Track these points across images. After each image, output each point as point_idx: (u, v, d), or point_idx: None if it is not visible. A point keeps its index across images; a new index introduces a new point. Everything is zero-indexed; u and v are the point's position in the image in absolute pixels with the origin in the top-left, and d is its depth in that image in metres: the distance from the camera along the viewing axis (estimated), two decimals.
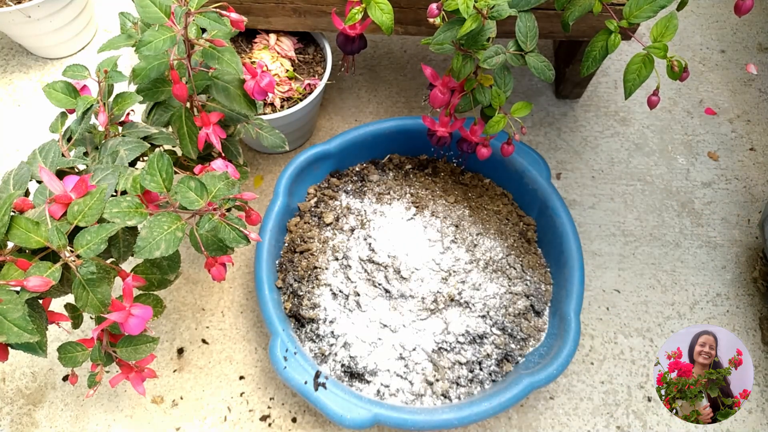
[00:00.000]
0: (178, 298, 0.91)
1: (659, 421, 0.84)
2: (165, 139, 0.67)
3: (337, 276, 0.83)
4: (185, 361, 0.87)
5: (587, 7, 0.64)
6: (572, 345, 0.76)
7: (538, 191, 0.89)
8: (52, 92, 0.64)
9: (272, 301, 0.79)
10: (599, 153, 1.07)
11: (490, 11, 0.60)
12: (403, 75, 1.15)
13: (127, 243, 0.60)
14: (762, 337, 0.90)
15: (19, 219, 0.51)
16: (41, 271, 0.50)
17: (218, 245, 0.60)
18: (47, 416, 0.83)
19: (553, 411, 0.84)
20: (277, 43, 0.95)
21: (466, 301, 0.81)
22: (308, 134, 1.07)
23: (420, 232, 0.85)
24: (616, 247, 0.98)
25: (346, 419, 0.70)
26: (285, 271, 0.85)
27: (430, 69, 0.72)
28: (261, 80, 0.62)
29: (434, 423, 0.71)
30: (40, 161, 0.60)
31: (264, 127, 0.76)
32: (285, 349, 0.75)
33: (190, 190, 0.54)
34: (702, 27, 1.23)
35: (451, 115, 0.76)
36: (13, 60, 1.17)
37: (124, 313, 0.53)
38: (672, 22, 0.61)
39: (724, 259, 0.97)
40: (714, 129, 1.10)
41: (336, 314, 0.81)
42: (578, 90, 1.10)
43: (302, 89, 0.93)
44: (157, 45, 0.56)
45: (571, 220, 0.85)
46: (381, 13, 0.63)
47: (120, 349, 0.61)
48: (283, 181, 0.86)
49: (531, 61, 0.68)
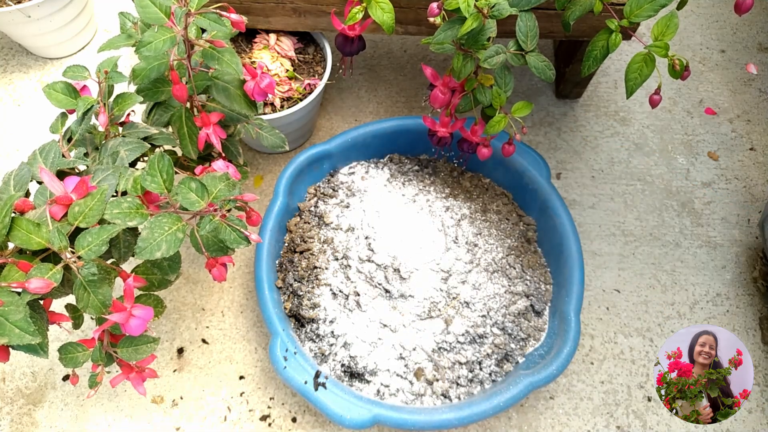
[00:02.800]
0: (178, 298, 0.91)
1: (659, 421, 0.84)
2: (165, 139, 0.67)
3: (337, 276, 0.83)
4: (185, 361, 0.87)
5: (588, 6, 0.64)
6: (572, 345, 0.76)
7: (538, 191, 0.89)
8: (52, 93, 0.64)
9: (272, 301, 0.79)
10: (599, 153, 1.07)
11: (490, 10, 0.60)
12: (403, 75, 1.15)
13: (128, 244, 0.60)
14: (762, 337, 0.90)
15: (20, 220, 0.51)
16: (42, 273, 0.50)
17: (219, 246, 0.60)
18: (47, 416, 0.83)
19: (553, 411, 0.84)
20: (277, 43, 0.95)
21: (466, 301, 0.81)
22: (308, 134, 1.07)
23: (420, 232, 0.85)
24: (616, 247, 0.98)
25: (345, 419, 0.70)
26: (285, 271, 0.85)
27: (431, 69, 0.72)
28: (261, 81, 0.62)
29: (434, 423, 0.71)
30: (40, 162, 0.60)
31: (264, 127, 0.76)
32: (285, 349, 0.75)
33: (191, 191, 0.54)
34: (702, 27, 1.23)
35: (452, 115, 0.76)
36: (13, 60, 1.16)
37: (125, 314, 0.53)
38: (672, 21, 0.61)
39: (724, 259, 0.97)
40: (714, 129, 1.10)
41: (336, 314, 0.81)
42: (578, 90, 1.10)
43: (302, 89, 0.93)
44: (157, 45, 0.56)
45: (571, 220, 0.85)
46: (382, 12, 0.63)
47: (121, 350, 0.61)
48: (283, 180, 0.86)
49: (531, 60, 0.68)
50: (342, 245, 0.85)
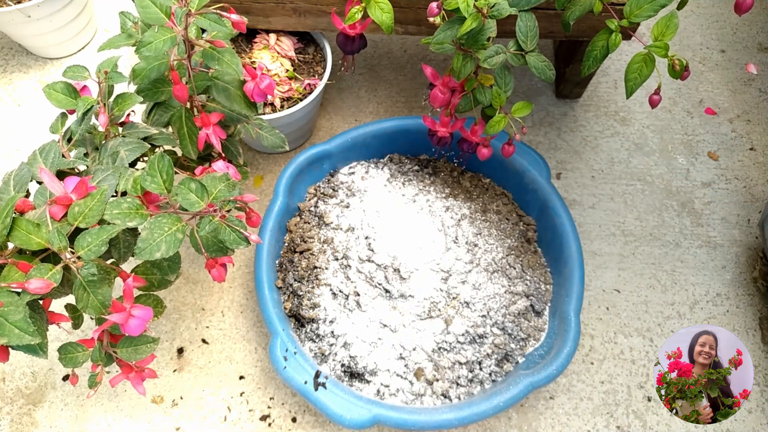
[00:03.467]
0: (178, 298, 0.91)
1: (659, 421, 0.84)
2: (165, 139, 0.67)
3: (337, 276, 0.83)
4: (185, 361, 0.87)
5: (587, 6, 0.64)
6: (572, 345, 0.76)
7: (538, 191, 0.89)
8: (52, 93, 0.64)
9: (272, 300, 0.79)
10: (599, 153, 1.07)
11: (490, 10, 0.60)
12: (403, 75, 1.15)
13: (128, 244, 0.60)
14: (762, 337, 0.90)
15: (19, 221, 0.51)
16: (42, 273, 0.50)
17: (218, 246, 0.60)
18: (47, 416, 0.83)
19: (553, 411, 0.84)
20: (277, 43, 0.95)
21: (466, 301, 0.81)
22: (308, 134, 1.07)
23: (420, 232, 0.85)
24: (616, 247, 0.98)
25: (345, 419, 0.70)
26: (285, 270, 0.85)
27: (431, 69, 0.72)
28: (261, 82, 0.62)
29: (434, 423, 0.71)
30: (40, 162, 0.60)
31: (264, 127, 0.76)
32: (285, 349, 0.75)
33: (191, 191, 0.54)
34: (702, 27, 1.23)
35: (452, 115, 0.76)
36: (13, 60, 1.16)
37: (124, 314, 0.53)
38: (672, 21, 0.61)
39: (724, 259, 0.97)
40: (714, 129, 1.10)
41: (336, 314, 0.81)
42: (578, 90, 1.10)
43: (302, 89, 0.93)
44: (157, 45, 0.56)
45: (571, 220, 0.85)
46: (381, 12, 0.63)
47: (120, 350, 0.61)
48: (283, 180, 0.86)
49: (531, 60, 0.68)
50: (342, 245, 0.85)
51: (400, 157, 0.97)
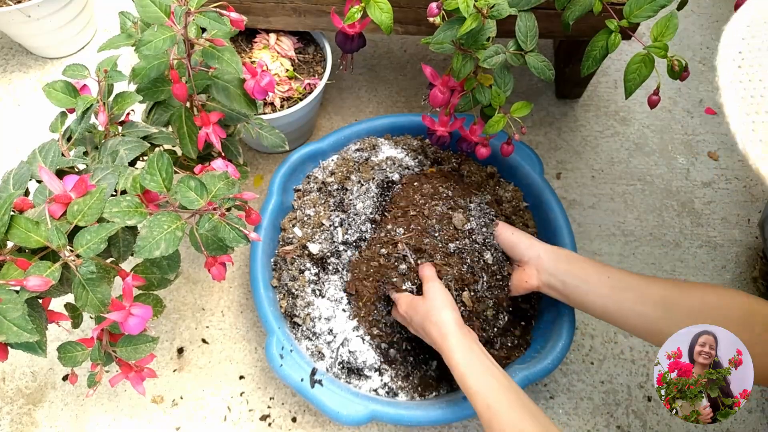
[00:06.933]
0: (178, 298, 0.91)
1: (659, 420, 0.84)
2: (165, 138, 0.67)
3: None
4: (185, 361, 0.87)
5: (587, 6, 0.64)
6: (567, 338, 0.76)
7: (531, 186, 0.89)
8: (51, 92, 0.64)
9: (267, 299, 0.79)
10: (599, 153, 1.07)
11: (490, 10, 0.60)
12: (403, 74, 1.15)
13: (127, 242, 0.60)
14: None
15: (18, 218, 0.51)
16: (41, 271, 0.50)
17: (218, 245, 0.60)
18: (47, 416, 0.83)
19: (553, 411, 0.84)
20: (277, 43, 0.95)
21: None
22: (308, 134, 1.07)
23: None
24: (616, 247, 0.98)
25: (342, 416, 0.70)
26: (280, 270, 0.85)
27: (430, 68, 0.72)
28: (261, 80, 0.62)
29: (430, 418, 0.71)
30: (39, 161, 0.60)
31: (264, 127, 0.76)
32: (281, 347, 0.75)
33: (190, 189, 0.54)
34: (702, 27, 1.23)
35: (451, 115, 0.76)
36: (13, 60, 1.17)
37: (123, 312, 0.53)
38: (672, 21, 0.61)
39: (724, 259, 0.97)
40: (714, 129, 1.10)
41: (331, 312, 0.81)
42: (578, 90, 1.10)
43: (302, 89, 0.93)
44: (157, 45, 0.56)
45: (564, 215, 0.85)
46: (380, 12, 0.63)
47: (120, 349, 0.61)
48: (276, 179, 0.86)
49: (531, 60, 0.68)
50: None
51: None
